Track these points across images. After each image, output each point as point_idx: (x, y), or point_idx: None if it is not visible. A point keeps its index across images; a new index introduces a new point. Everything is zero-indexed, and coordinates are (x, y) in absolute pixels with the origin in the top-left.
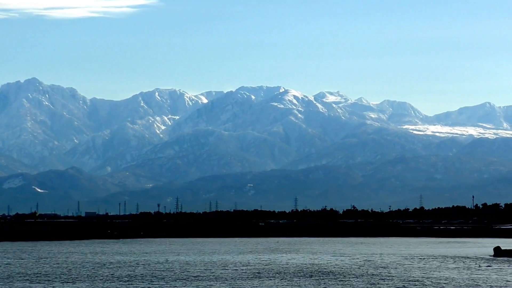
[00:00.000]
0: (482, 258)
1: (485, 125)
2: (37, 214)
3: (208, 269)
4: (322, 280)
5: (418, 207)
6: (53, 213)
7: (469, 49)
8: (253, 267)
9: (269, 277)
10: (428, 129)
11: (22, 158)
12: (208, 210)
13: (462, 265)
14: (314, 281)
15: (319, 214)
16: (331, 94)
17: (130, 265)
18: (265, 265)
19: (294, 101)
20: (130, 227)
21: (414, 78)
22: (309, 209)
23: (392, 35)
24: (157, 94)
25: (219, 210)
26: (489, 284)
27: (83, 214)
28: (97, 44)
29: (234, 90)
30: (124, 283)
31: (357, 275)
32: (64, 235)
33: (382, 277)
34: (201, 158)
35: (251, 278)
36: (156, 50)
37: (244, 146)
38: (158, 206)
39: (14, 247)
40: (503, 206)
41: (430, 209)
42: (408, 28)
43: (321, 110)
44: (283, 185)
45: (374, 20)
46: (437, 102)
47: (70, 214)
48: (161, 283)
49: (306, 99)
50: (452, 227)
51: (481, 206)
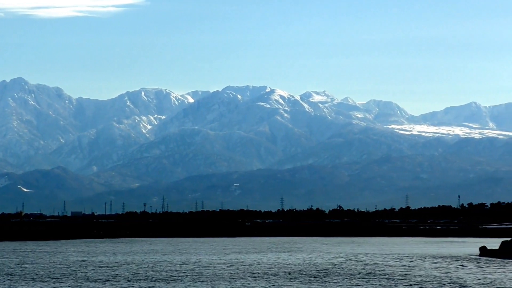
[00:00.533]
0: (467, 258)
1: (471, 125)
2: (22, 214)
3: (191, 269)
4: (307, 280)
5: (404, 207)
6: (39, 212)
7: (455, 49)
8: (237, 267)
9: (253, 277)
10: (414, 128)
11: (7, 157)
12: (194, 210)
13: (446, 264)
14: (298, 281)
15: (305, 214)
16: (317, 93)
17: (113, 265)
18: (249, 264)
19: (280, 100)
20: (116, 227)
21: (400, 78)
22: (295, 208)
23: (378, 35)
24: (143, 93)
25: (205, 210)
26: (473, 283)
27: (69, 214)
28: (83, 43)
29: (220, 90)
30: (104, 284)
31: (342, 275)
32: (50, 235)
33: (366, 276)
34: (187, 158)
35: (235, 278)
36: (142, 49)
37: (230, 146)
38: (144, 205)
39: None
40: (489, 206)
41: (416, 208)
42: (394, 28)
43: (307, 110)
44: (269, 184)
45: (361, 20)
46: (423, 101)
47: (56, 214)
48: (142, 284)
49: (292, 99)
50: (438, 227)
51: (467, 206)
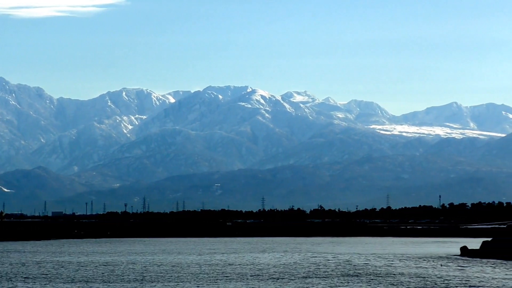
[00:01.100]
0: (448, 258)
1: (452, 125)
2: (3, 214)
3: (168, 269)
4: (287, 281)
5: (385, 207)
6: (19, 213)
7: (436, 49)
8: (215, 268)
9: (229, 278)
10: (395, 129)
11: None
12: (175, 210)
13: (427, 264)
14: (277, 282)
15: (286, 214)
16: (299, 94)
17: (92, 265)
18: (228, 265)
19: (262, 100)
20: (97, 227)
21: (381, 78)
22: (276, 208)
23: (359, 35)
24: (124, 93)
25: (186, 210)
26: (454, 282)
27: (50, 214)
28: (64, 43)
29: (201, 90)
30: (81, 284)
31: (322, 275)
32: (30, 235)
33: (347, 276)
34: (168, 158)
35: (213, 279)
36: (123, 49)
37: (211, 146)
38: (125, 206)
39: None
40: (470, 206)
41: (397, 208)
42: (375, 28)
43: (288, 110)
44: (251, 184)
45: (342, 20)
46: (404, 102)
47: (37, 214)
48: (116, 285)
49: (274, 99)
50: (419, 227)
51: (447, 206)
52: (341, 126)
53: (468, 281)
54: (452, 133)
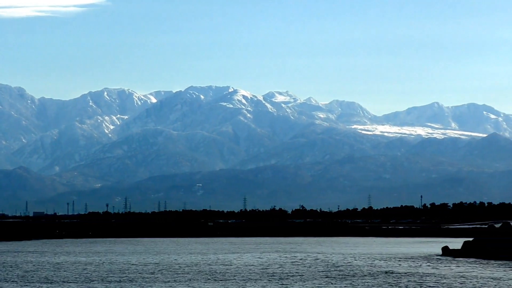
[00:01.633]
0: (430, 258)
1: (433, 125)
2: None
3: (148, 270)
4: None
5: (367, 207)
6: (0, 213)
7: (417, 49)
8: (195, 268)
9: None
10: (376, 129)
11: None
12: (156, 210)
13: (408, 264)
14: (259, 282)
15: (268, 214)
16: (280, 94)
17: (71, 265)
18: (208, 265)
19: (243, 101)
20: (79, 227)
21: (363, 78)
22: (258, 209)
23: (340, 35)
24: (105, 93)
25: (168, 210)
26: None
27: (31, 214)
28: (45, 43)
29: (183, 90)
30: (57, 285)
31: (303, 275)
32: (12, 235)
33: (328, 276)
34: (150, 158)
35: (190, 280)
36: (104, 49)
37: (193, 146)
38: (107, 206)
39: None
40: (451, 206)
41: (379, 208)
42: (356, 28)
43: (270, 110)
44: (232, 185)
45: (323, 20)
46: (385, 102)
47: (18, 214)
48: (97, 285)
49: (255, 99)
50: (400, 227)
51: (429, 206)
52: (322, 126)
53: (447, 280)
54: (433, 133)
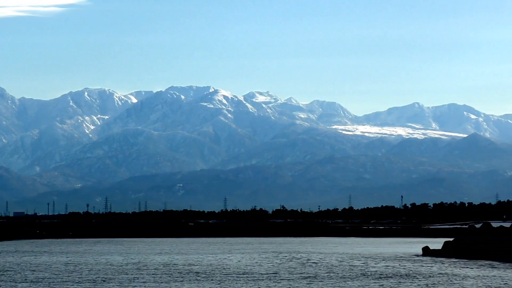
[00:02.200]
0: (410, 258)
1: (414, 125)
2: None
3: (126, 270)
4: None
5: (347, 207)
6: None
7: (398, 49)
8: (173, 268)
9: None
10: (357, 129)
11: None
12: (137, 210)
13: (389, 264)
14: (240, 283)
15: (249, 214)
16: (261, 94)
17: (48, 266)
18: (188, 265)
19: (224, 101)
20: (59, 227)
21: (343, 78)
22: (238, 209)
23: (321, 35)
24: (86, 93)
25: (149, 210)
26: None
27: (12, 214)
28: (25, 43)
29: (163, 90)
30: (30, 284)
31: (283, 275)
32: None
33: (308, 276)
34: (130, 158)
35: (168, 280)
36: (85, 49)
37: (173, 146)
38: (87, 206)
39: None
40: (432, 206)
41: (359, 209)
42: (337, 28)
43: (250, 110)
44: (213, 185)
45: (303, 20)
46: (366, 102)
47: None
48: (76, 286)
49: (236, 99)
50: (381, 227)
51: (409, 206)
52: (303, 127)
53: (426, 280)
54: (414, 133)
